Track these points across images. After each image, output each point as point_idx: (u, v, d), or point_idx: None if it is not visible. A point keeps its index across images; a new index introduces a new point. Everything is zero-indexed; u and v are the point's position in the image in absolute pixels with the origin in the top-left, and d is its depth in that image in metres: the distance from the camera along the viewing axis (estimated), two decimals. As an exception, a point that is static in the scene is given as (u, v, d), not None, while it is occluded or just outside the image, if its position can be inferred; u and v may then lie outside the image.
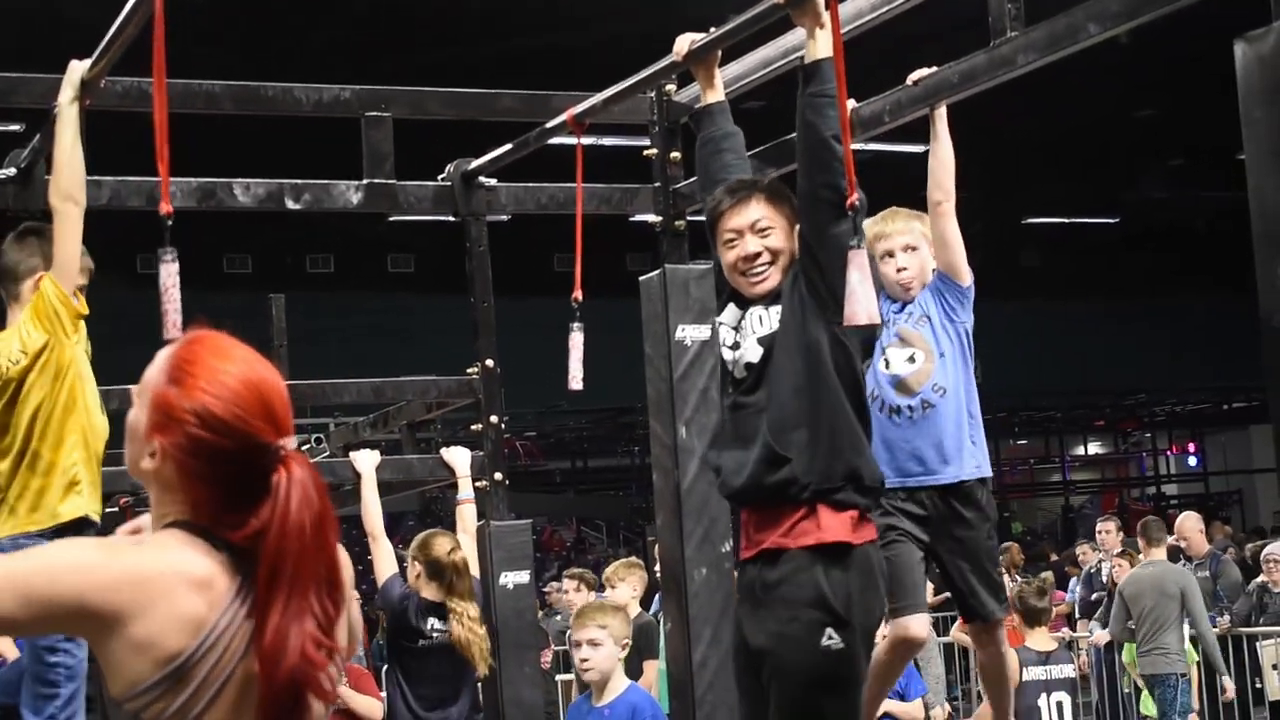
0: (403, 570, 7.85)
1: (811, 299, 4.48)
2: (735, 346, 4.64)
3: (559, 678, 12.66)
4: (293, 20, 17.70)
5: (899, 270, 5.72)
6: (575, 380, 5.79)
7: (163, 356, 2.66)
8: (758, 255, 4.61)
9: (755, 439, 4.50)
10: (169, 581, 2.51)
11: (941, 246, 5.61)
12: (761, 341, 4.57)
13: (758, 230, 4.61)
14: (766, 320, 4.58)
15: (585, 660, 6.25)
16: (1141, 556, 11.67)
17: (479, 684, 7.72)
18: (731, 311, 4.70)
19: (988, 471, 5.76)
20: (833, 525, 4.43)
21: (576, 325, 5.83)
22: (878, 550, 4.60)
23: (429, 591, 7.60)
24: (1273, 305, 3.79)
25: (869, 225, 5.37)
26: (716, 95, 5.12)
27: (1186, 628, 10.99)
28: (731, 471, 4.59)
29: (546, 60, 16.43)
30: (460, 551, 7.66)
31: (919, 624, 5.42)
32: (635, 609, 9.26)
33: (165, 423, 2.60)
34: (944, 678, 12.41)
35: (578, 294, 5.84)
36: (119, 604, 2.46)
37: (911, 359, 5.57)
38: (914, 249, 5.77)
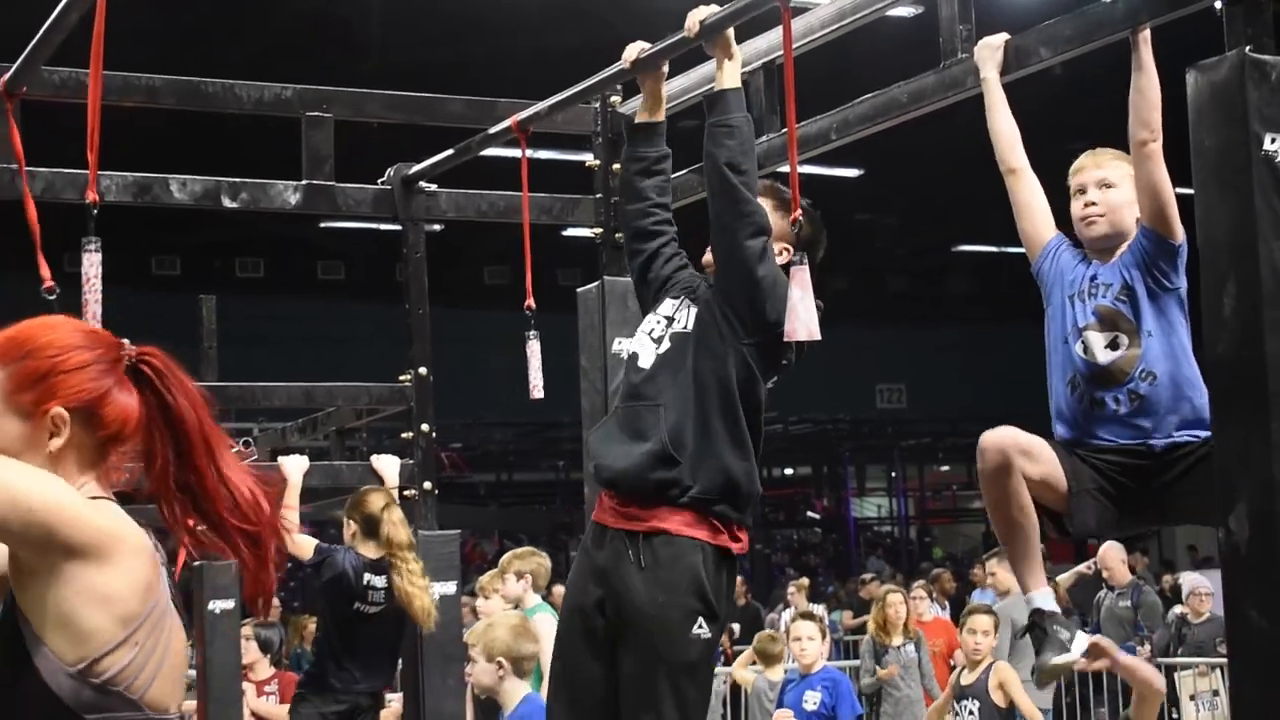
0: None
1: (722, 318, 4.56)
2: (658, 339, 4.68)
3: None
4: (234, 23, 17.60)
5: (1086, 206, 4.74)
6: (536, 389, 5.76)
7: None
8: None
9: (650, 435, 4.54)
10: (137, 541, 2.51)
11: (1148, 194, 4.52)
12: (673, 338, 4.63)
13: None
14: (684, 318, 4.65)
15: (469, 675, 6.44)
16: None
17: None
18: (669, 303, 4.75)
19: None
20: (704, 532, 4.51)
21: (533, 334, 5.81)
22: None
23: (366, 550, 7.54)
24: (1217, 334, 3.80)
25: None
26: (659, 115, 5.10)
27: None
28: (614, 457, 4.59)
29: (482, 70, 16.37)
30: (396, 508, 7.59)
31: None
32: (532, 599, 8.88)
33: (53, 384, 2.57)
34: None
35: (530, 302, 5.83)
36: (88, 542, 2.44)
37: (1114, 343, 4.60)
38: (1111, 186, 4.74)
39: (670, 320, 4.69)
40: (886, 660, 11.39)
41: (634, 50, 5.12)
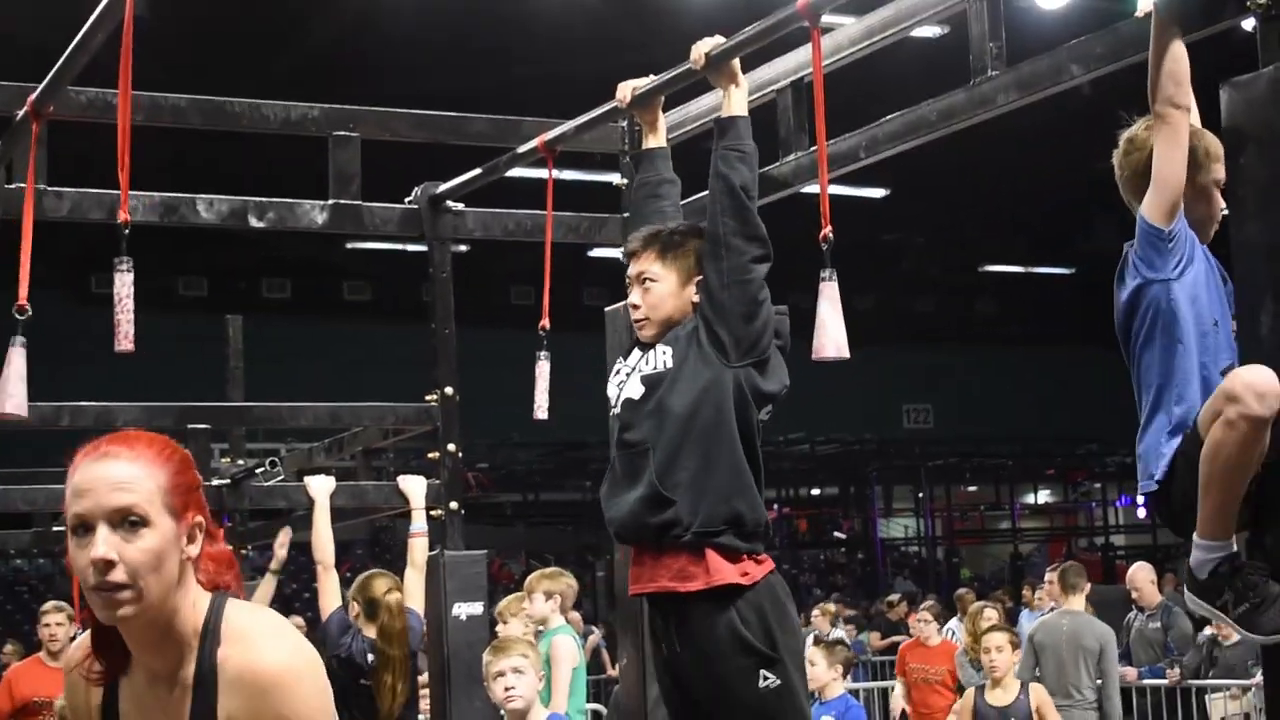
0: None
1: (710, 344, 4.51)
2: (621, 384, 4.68)
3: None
4: (259, 47, 17.66)
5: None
6: (541, 410, 5.73)
7: (111, 464, 2.62)
8: (636, 307, 4.67)
9: (641, 478, 4.52)
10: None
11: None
12: (645, 380, 4.59)
13: (641, 282, 4.67)
14: (653, 360, 4.60)
15: (511, 689, 6.16)
16: (1058, 604, 11.55)
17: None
18: (635, 354, 4.73)
19: None
20: (721, 569, 4.45)
21: (543, 355, 5.76)
22: (778, 577, 4.60)
23: (369, 630, 7.53)
24: (1254, 352, 3.75)
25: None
26: (659, 140, 5.16)
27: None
28: (616, 509, 4.60)
29: (499, 101, 16.40)
30: (396, 593, 7.55)
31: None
32: (557, 620, 8.88)
33: (196, 496, 2.68)
34: None
35: (545, 322, 5.79)
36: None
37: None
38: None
39: (634, 369, 4.66)
40: (982, 676, 11.25)
41: (626, 90, 5.12)
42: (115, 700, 2.71)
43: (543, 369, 5.81)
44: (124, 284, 4.55)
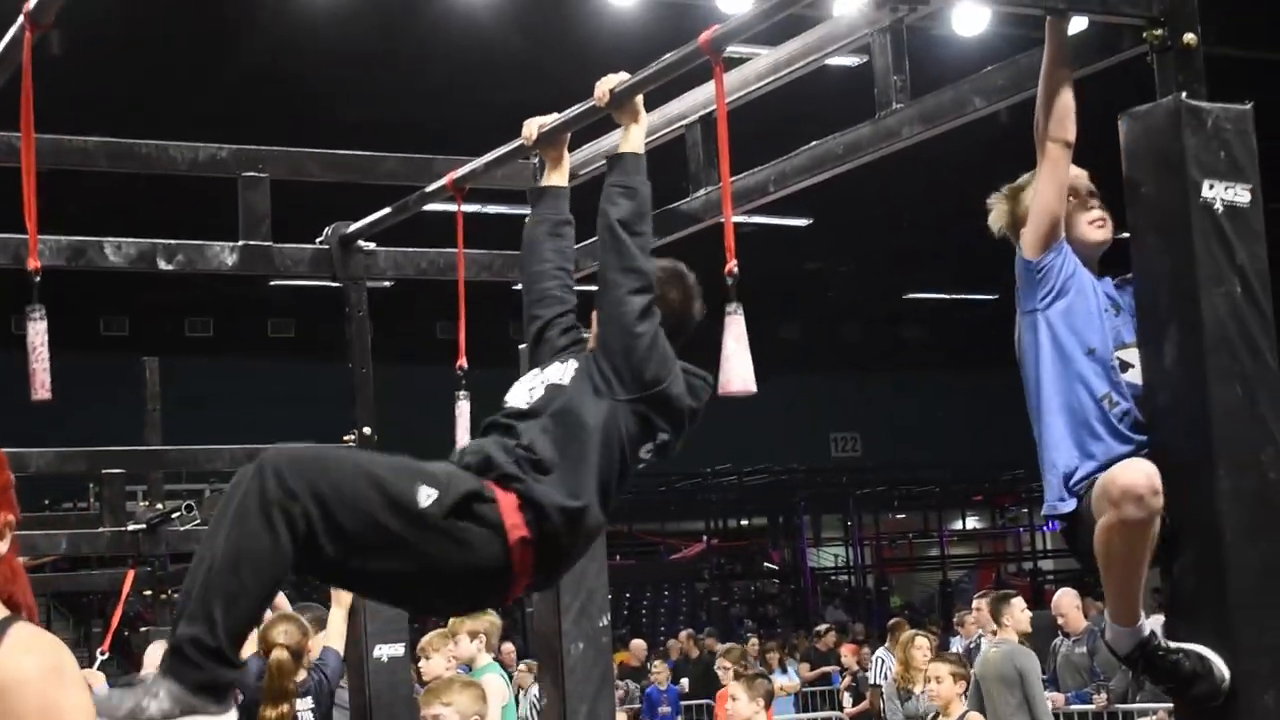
0: None
1: (599, 377, 4.34)
2: (530, 389, 4.46)
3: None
4: (168, 88, 17.53)
5: (1097, 209, 4.37)
6: None
7: None
8: None
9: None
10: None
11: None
12: (547, 389, 4.40)
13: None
14: (561, 374, 4.44)
15: None
16: (984, 632, 11.53)
17: None
18: (555, 366, 4.52)
19: None
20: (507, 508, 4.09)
21: (462, 394, 5.68)
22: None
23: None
24: (1160, 383, 3.76)
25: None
26: (562, 179, 5.05)
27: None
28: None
29: (419, 130, 16.33)
30: (284, 653, 7.30)
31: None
32: (485, 658, 8.69)
33: (8, 496, 2.74)
34: None
35: (462, 361, 5.71)
36: None
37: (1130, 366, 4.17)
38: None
39: (546, 379, 4.46)
40: (910, 706, 11.22)
41: (533, 127, 5.06)
42: None
43: (462, 408, 5.72)
44: (37, 332, 4.49)
